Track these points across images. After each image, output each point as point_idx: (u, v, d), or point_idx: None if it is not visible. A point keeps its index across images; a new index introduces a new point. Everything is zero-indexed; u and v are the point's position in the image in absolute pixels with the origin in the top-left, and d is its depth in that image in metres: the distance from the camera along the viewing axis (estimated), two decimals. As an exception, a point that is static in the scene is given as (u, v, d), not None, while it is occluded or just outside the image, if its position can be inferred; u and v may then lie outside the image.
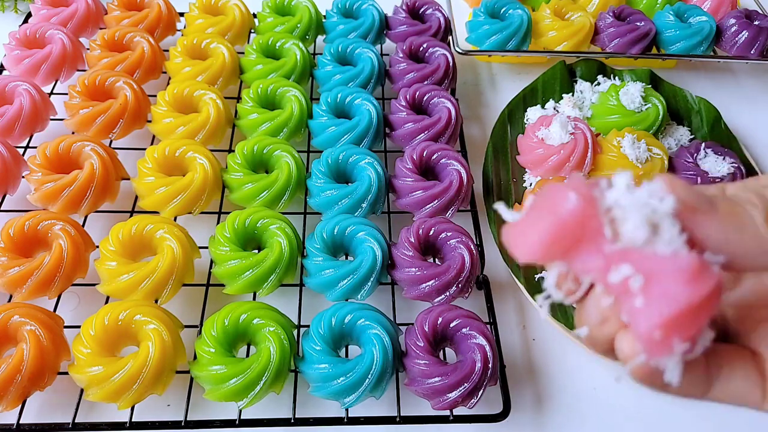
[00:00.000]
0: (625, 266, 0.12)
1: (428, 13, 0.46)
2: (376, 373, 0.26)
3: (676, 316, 0.11)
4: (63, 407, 0.28)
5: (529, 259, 0.12)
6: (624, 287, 0.12)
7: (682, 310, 0.11)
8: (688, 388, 0.14)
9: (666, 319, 0.11)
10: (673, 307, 0.11)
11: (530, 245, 0.12)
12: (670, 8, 0.47)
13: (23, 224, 0.31)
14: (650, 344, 0.11)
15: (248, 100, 0.38)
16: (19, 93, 0.37)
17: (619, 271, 0.12)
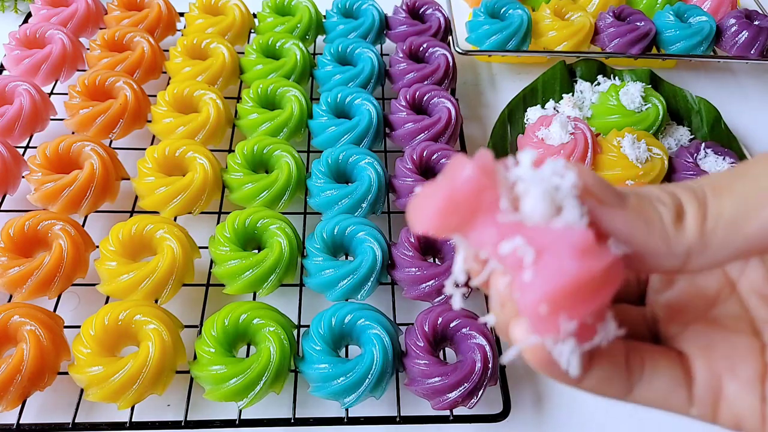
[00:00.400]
0: (517, 238, 0.11)
1: (428, 13, 0.46)
2: (376, 373, 0.26)
3: (563, 289, 0.11)
4: (63, 407, 0.28)
5: (425, 229, 0.12)
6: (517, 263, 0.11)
7: (569, 283, 0.11)
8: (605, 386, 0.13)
9: (551, 291, 0.11)
10: (560, 279, 0.11)
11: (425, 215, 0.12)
12: (670, 8, 0.47)
13: (23, 224, 0.30)
14: (536, 319, 0.11)
15: (248, 100, 0.38)
16: (19, 93, 0.37)
17: (510, 243, 0.11)
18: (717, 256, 0.12)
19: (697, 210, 0.12)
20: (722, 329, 0.14)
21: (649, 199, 0.12)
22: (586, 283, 0.11)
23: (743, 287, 0.14)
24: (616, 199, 0.12)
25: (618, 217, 0.12)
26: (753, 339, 0.13)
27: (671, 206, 0.12)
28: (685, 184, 0.12)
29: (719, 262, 0.12)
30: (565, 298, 0.11)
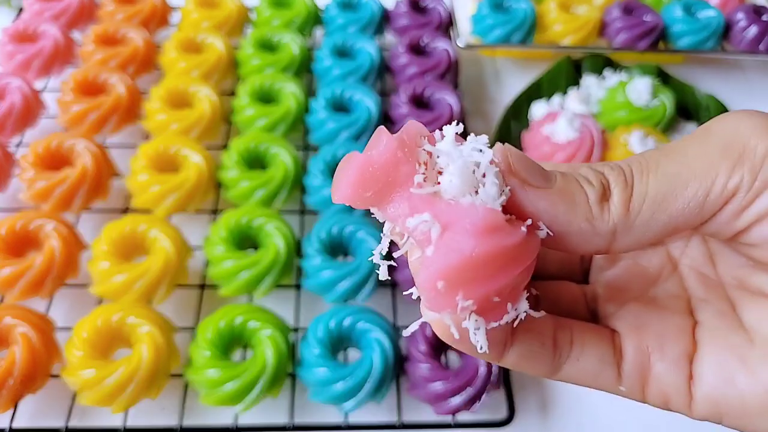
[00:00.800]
0: (425, 214, 0.11)
1: (430, 6, 0.45)
2: (376, 378, 0.25)
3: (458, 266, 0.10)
4: (56, 411, 0.27)
5: (342, 199, 0.12)
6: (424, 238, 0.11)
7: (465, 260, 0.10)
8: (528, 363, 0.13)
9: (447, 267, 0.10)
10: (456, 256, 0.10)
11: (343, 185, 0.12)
12: (678, 2, 0.46)
13: (14, 224, 0.30)
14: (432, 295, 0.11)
15: (244, 96, 0.37)
16: (10, 90, 0.36)
17: (418, 218, 0.11)
18: (642, 235, 0.12)
19: (624, 190, 0.12)
20: (657, 308, 0.14)
21: (575, 178, 0.12)
22: (485, 261, 0.11)
23: (684, 266, 0.14)
24: (542, 179, 0.12)
25: (542, 197, 0.12)
26: (686, 318, 0.14)
27: (597, 186, 0.12)
28: (615, 162, 0.12)
29: (645, 242, 0.12)
30: (461, 276, 0.11)
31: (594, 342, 0.13)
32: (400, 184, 0.11)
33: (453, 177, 0.11)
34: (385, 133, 0.12)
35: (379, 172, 0.11)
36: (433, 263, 0.11)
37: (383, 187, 0.11)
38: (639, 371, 0.13)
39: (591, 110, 0.41)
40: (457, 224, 0.11)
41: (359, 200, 0.11)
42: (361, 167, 0.11)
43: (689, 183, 0.11)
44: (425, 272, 0.11)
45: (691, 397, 0.13)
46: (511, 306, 0.11)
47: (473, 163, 0.11)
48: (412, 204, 0.11)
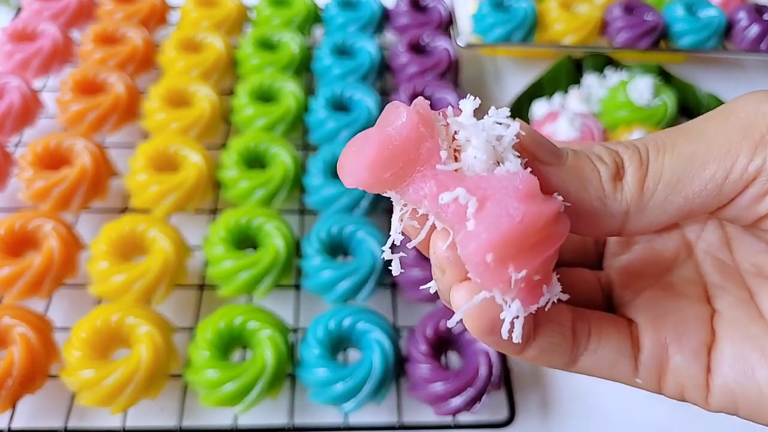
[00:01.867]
0: (458, 189, 0.10)
1: (430, 5, 0.45)
2: (376, 378, 0.25)
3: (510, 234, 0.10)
4: (55, 411, 0.27)
5: (356, 183, 0.11)
6: (458, 215, 0.10)
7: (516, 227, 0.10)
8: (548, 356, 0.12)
9: (498, 237, 0.10)
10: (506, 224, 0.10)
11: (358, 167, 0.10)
12: (679, 1, 0.46)
13: (13, 224, 0.30)
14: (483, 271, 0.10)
15: (243, 95, 0.37)
16: (8, 90, 0.36)
17: (450, 194, 0.10)
18: (656, 217, 0.11)
19: (638, 169, 0.11)
20: (674, 297, 0.13)
21: (587, 156, 0.12)
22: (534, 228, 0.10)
23: (700, 250, 0.14)
24: (553, 156, 0.11)
25: (553, 174, 0.11)
26: (704, 306, 0.13)
27: (611, 164, 0.11)
28: (631, 141, 0.12)
29: (659, 224, 0.11)
30: (513, 245, 0.10)
31: (611, 333, 0.13)
32: (422, 162, 0.10)
33: (478, 152, 0.10)
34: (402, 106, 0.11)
35: (399, 150, 0.10)
36: (480, 236, 0.10)
37: (404, 166, 0.10)
38: (656, 363, 0.13)
39: (592, 109, 0.40)
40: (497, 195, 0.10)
41: (377, 183, 0.10)
42: (379, 145, 0.10)
43: (707, 164, 0.11)
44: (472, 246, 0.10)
45: (708, 389, 0.12)
46: (546, 288, 0.11)
47: (495, 138, 0.11)
48: (439, 181, 0.10)
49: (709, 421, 0.30)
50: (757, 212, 0.11)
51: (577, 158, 0.11)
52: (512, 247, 0.10)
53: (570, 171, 0.11)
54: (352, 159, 0.11)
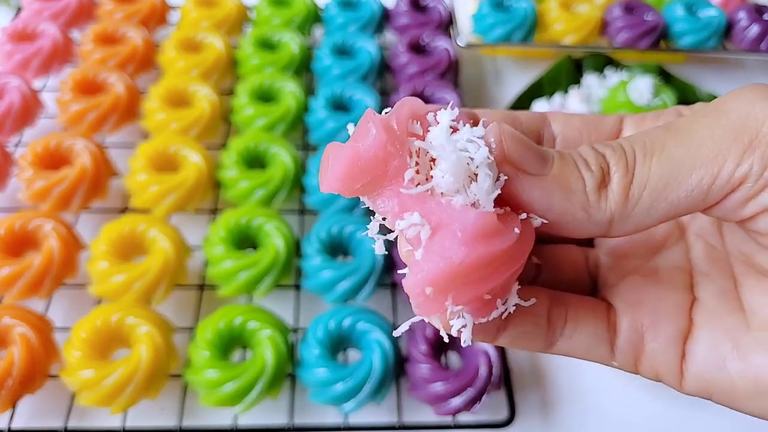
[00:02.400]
0: (416, 214, 0.10)
1: (430, 5, 0.45)
2: (377, 379, 0.25)
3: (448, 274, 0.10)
4: (55, 411, 0.27)
5: (330, 190, 0.11)
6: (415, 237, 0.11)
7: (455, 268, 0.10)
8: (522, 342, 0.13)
9: (437, 275, 0.10)
10: (446, 264, 0.10)
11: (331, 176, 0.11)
12: (679, 1, 0.46)
13: (13, 224, 0.30)
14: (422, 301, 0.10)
15: (243, 95, 0.37)
16: (9, 90, 0.36)
17: (408, 219, 0.11)
18: (641, 222, 0.11)
19: (624, 176, 0.11)
20: (657, 283, 0.13)
21: (573, 163, 0.12)
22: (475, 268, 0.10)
23: (692, 233, 0.14)
24: (538, 165, 0.11)
25: (536, 185, 0.11)
26: (685, 293, 0.13)
27: (596, 171, 0.11)
28: (619, 142, 0.12)
29: (644, 228, 0.12)
30: (450, 283, 0.10)
31: (588, 319, 0.13)
32: (390, 177, 0.11)
33: (446, 173, 0.11)
34: (373, 121, 0.11)
35: (367, 166, 0.11)
36: (421, 269, 0.10)
37: (373, 179, 0.11)
38: (632, 348, 0.13)
39: (592, 109, 0.40)
40: (448, 228, 0.10)
41: (348, 192, 0.11)
42: (348, 161, 0.11)
43: (694, 170, 0.11)
44: (413, 278, 0.10)
45: (682, 375, 0.13)
46: (500, 302, 0.11)
47: (467, 157, 0.11)
48: (401, 201, 0.11)
49: (708, 421, 0.30)
50: (741, 214, 0.11)
51: (562, 165, 0.11)
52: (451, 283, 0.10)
53: (554, 181, 0.11)
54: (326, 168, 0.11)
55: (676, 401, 0.30)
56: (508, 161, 0.11)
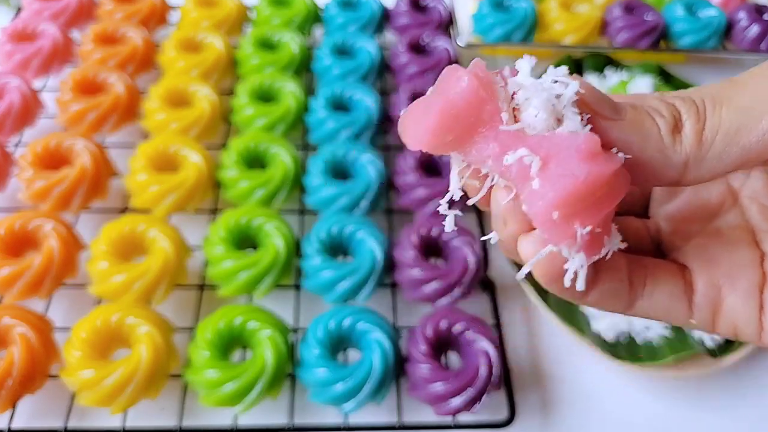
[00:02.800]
0: (521, 149, 0.11)
1: (430, 5, 0.45)
2: (377, 378, 0.25)
3: (574, 193, 0.11)
4: (55, 411, 0.27)
5: (420, 146, 0.11)
6: (522, 174, 0.11)
7: (579, 186, 0.11)
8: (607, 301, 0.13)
9: (564, 195, 0.11)
10: (571, 183, 0.11)
11: (420, 131, 0.11)
12: (679, 1, 0.46)
13: (13, 224, 0.30)
14: (549, 227, 0.11)
15: (243, 95, 0.37)
16: (8, 90, 0.36)
17: (515, 154, 0.11)
18: (714, 167, 0.12)
19: (696, 122, 0.12)
20: (723, 241, 0.14)
21: (646, 110, 0.12)
22: (597, 186, 0.11)
23: (745, 197, 0.15)
24: (613, 111, 0.12)
25: (614, 128, 0.12)
26: (753, 249, 0.14)
27: (669, 118, 0.12)
28: (686, 93, 0.12)
29: (717, 173, 0.12)
30: (578, 203, 0.11)
31: (665, 278, 0.14)
32: (484, 124, 0.11)
33: (539, 111, 0.11)
34: (462, 70, 0.11)
35: (461, 114, 0.11)
36: (545, 195, 0.11)
37: (466, 129, 0.11)
38: (710, 304, 0.13)
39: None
40: (560, 154, 0.11)
41: (440, 146, 0.11)
42: (441, 111, 0.11)
43: (763, 116, 0.11)
44: (538, 205, 0.11)
45: (762, 327, 0.13)
46: (606, 239, 0.12)
47: (554, 96, 0.11)
48: (502, 142, 0.11)
49: (708, 421, 0.30)
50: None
51: (636, 112, 0.12)
52: (577, 204, 0.11)
53: (630, 125, 0.12)
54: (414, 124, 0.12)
55: (676, 401, 0.30)
56: (587, 106, 0.11)
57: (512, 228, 0.12)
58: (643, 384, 0.31)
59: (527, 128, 0.11)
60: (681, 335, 0.30)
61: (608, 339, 0.30)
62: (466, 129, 0.11)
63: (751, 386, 0.31)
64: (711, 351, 0.30)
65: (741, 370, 0.31)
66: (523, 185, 0.11)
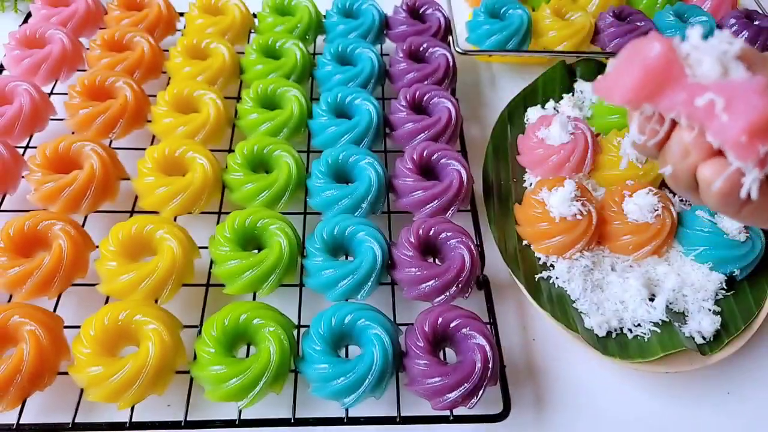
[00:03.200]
0: (707, 93, 0.15)
1: (428, 13, 0.46)
2: (376, 373, 0.26)
3: (758, 120, 0.14)
4: (63, 407, 0.28)
5: (623, 101, 0.16)
6: (708, 113, 0.15)
7: (761, 115, 0.14)
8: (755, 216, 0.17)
9: (750, 123, 0.14)
10: (754, 114, 0.14)
11: (624, 90, 0.16)
12: (670, 8, 0.47)
13: (23, 224, 0.30)
14: (739, 149, 0.15)
15: (248, 100, 0.38)
16: (19, 93, 0.37)
17: (703, 97, 0.15)
18: None
19: None
20: None
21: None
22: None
23: None
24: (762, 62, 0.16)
25: None
26: None
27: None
28: None
29: None
30: (759, 128, 0.15)
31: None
32: (671, 79, 0.15)
33: (712, 65, 0.15)
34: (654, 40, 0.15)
35: (656, 73, 0.15)
36: (734, 124, 0.15)
37: (659, 83, 0.15)
38: None
39: (584, 114, 0.42)
40: (739, 94, 0.15)
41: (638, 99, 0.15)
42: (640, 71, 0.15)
43: None
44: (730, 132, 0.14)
45: None
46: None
47: (722, 53, 0.15)
48: (689, 91, 0.15)
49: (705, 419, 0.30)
50: None
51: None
52: (760, 129, 0.15)
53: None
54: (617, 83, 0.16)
55: (667, 397, 0.31)
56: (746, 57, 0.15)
57: (694, 157, 0.16)
58: (635, 379, 0.31)
59: (704, 79, 0.15)
60: (671, 332, 0.31)
61: (600, 336, 0.31)
62: (658, 84, 0.15)
63: (740, 382, 0.32)
64: (701, 348, 0.31)
65: (730, 366, 0.32)
66: (711, 121, 0.15)
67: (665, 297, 0.32)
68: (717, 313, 0.32)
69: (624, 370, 0.31)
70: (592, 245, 0.34)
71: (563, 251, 0.33)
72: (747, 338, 0.31)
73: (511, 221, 0.36)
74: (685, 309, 0.32)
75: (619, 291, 0.32)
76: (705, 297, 0.32)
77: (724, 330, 0.31)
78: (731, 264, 0.33)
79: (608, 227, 0.34)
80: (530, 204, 0.34)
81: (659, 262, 0.34)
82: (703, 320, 0.31)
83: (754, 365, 0.32)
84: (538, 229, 0.34)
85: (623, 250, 0.34)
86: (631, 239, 0.33)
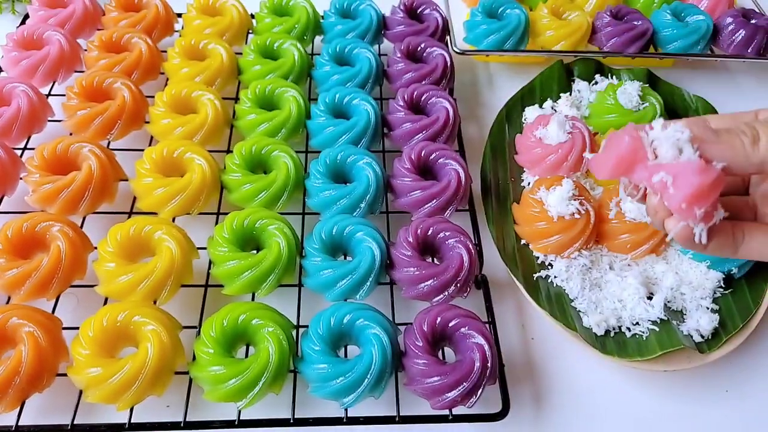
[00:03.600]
0: (661, 172, 0.21)
1: (426, 13, 0.46)
2: (375, 373, 0.26)
3: (693, 193, 0.20)
4: (62, 409, 0.28)
5: (607, 177, 0.22)
6: (662, 186, 0.21)
7: (695, 189, 0.20)
8: (719, 249, 0.23)
9: (687, 195, 0.20)
10: (690, 188, 0.20)
11: (606, 169, 0.22)
12: (667, 7, 0.48)
13: (21, 226, 0.30)
14: (681, 212, 0.21)
15: (246, 101, 0.38)
16: (16, 94, 0.37)
17: (657, 175, 0.21)
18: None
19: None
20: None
21: (735, 132, 0.21)
22: (705, 187, 0.20)
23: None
24: (713, 137, 0.21)
25: (715, 148, 0.21)
26: None
27: (750, 136, 0.21)
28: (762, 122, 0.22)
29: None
30: (695, 198, 0.20)
31: (758, 232, 0.23)
32: (638, 161, 0.21)
33: (668, 150, 0.21)
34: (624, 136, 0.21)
35: (627, 158, 0.21)
36: (677, 196, 0.20)
37: (629, 165, 0.21)
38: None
39: (582, 113, 0.42)
40: (683, 173, 0.20)
41: (616, 175, 0.22)
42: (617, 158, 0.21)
43: None
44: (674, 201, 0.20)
45: None
46: (715, 213, 0.21)
47: (676, 139, 0.21)
48: (650, 170, 0.21)
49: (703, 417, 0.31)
50: None
51: (729, 135, 0.21)
52: (694, 198, 0.20)
53: (725, 144, 0.21)
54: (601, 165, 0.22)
55: (665, 396, 0.31)
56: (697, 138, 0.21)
57: (660, 215, 0.23)
58: (633, 378, 0.32)
59: (662, 160, 0.21)
60: (670, 331, 0.31)
61: (598, 334, 0.31)
62: (629, 165, 0.21)
63: (738, 380, 0.32)
64: (699, 346, 0.31)
65: (729, 364, 0.32)
66: (664, 192, 0.21)
67: (663, 295, 0.32)
68: (715, 311, 0.32)
69: (623, 368, 0.31)
70: (590, 244, 0.34)
71: (561, 250, 0.33)
72: (745, 336, 0.31)
73: (510, 220, 0.36)
74: (683, 307, 0.32)
75: (618, 290, 0.32)
76: (703, 295, 0.32)
77: (722, 328, 0.31)
78: (729, 262, 0.33)
79: (606, 226, 0.34)
80: (528, 203, 0.35)
81: (657, 260, 0.34)
82: (701, 318, 0.31)
83: (753, 363, 0.33)
84: (537, 228, 0.34)
85: (621, 249, 0.34)
86: (629, 238, 0.33)
